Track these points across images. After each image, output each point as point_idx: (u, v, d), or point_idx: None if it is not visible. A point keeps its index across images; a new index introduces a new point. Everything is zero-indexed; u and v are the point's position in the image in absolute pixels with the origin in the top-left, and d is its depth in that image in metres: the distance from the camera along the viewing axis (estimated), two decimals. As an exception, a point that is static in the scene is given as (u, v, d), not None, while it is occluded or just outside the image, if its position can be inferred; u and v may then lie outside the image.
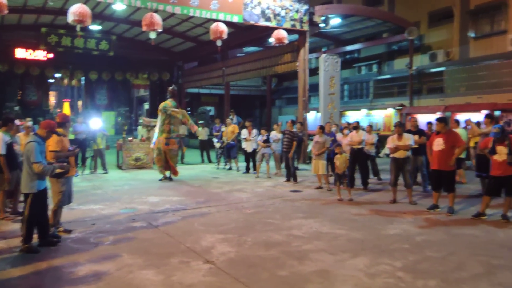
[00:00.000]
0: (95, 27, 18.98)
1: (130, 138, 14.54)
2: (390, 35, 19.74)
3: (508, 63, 15.97)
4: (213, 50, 17.02)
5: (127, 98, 27.68)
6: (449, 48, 18.47)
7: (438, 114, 15.21)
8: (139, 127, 16.08)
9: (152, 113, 24.29)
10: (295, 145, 10.80)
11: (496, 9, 16.87)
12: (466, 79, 17.52)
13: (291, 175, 10.82)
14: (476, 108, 15.12)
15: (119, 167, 13.80)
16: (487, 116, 8.62)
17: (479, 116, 13.44)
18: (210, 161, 15.46)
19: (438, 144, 7.21)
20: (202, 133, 15.53)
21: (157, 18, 11.25)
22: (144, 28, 11.38)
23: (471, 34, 17.62)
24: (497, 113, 14.25)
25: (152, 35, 11.74)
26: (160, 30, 11.54)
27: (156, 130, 11.31)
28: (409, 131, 8.89)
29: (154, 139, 11.29)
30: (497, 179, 6.64)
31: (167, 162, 11.11)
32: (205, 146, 15.79)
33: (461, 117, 13.96)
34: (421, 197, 8.57)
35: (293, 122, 11.86)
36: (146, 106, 29.47)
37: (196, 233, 6.02)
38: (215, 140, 14.13)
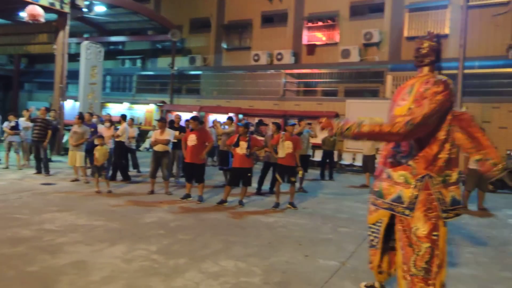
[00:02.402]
0: None
1: None
2: (155, 33, 20.40)
3: (250, 75, 19.04)
4: None
5: None
6: (206, 55, 20.52)
7: (193, 113, 16.72)
8: None
9: None
10: (50, 134, 9.98)
11: (244, 27, 19.79)
12: (218, 84, 19.93)
13: (43, 166, 9.92)
14: (225, 110, 17.37)
15: None
16: (228, 118, 10.40)
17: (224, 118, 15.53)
18: None
19: (191, 139, 8.06)
20: None
21: None
22: None
23: (224, 45, 20.11)
24: (240, 116, 16.77)
25: None
26: None
27: None
28: (172, 127, 9.63)
29: None
30: (237, 170, 7.95)
31: None
32: None
33: (213, 117, 15.82)
34: (176, 188, 9.33)
35: (47, 109, 10.88)
36: None
37: None
38: None
